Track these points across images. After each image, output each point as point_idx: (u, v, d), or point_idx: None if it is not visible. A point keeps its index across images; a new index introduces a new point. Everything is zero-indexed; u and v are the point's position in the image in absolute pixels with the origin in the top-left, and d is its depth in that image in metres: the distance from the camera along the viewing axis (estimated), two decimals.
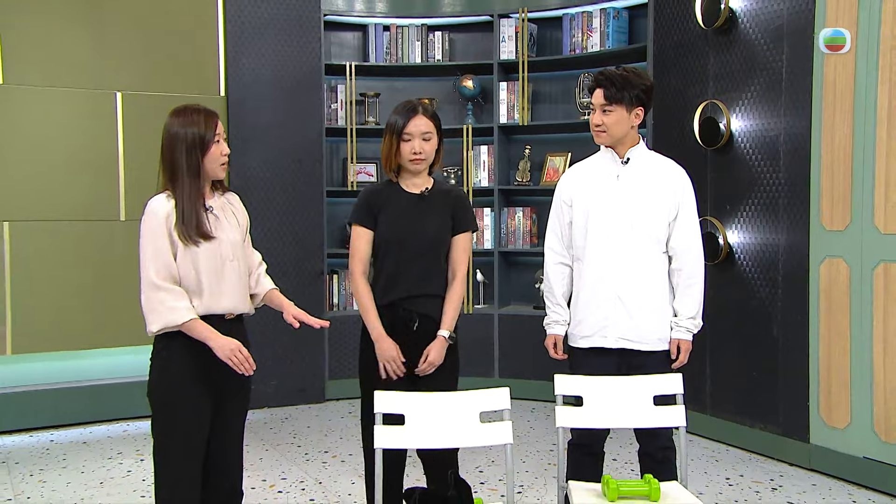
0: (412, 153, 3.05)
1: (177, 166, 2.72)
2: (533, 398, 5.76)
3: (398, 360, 3.07)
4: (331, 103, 6.14)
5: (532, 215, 6.18)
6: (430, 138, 3.08)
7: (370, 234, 3.13)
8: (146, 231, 2.71)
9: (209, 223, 2.75)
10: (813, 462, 4.41)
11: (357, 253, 3.14)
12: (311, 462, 4.61)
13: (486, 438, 2.74)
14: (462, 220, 3.17)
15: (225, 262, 2.77)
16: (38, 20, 5.25)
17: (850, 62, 4.17)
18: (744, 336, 4.78)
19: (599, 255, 3.17)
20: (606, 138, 3.17)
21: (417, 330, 3.09)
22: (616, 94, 3.10)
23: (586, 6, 5.88)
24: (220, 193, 2.87)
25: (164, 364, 2.73)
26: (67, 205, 5.33)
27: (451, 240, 3.16)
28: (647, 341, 3.16)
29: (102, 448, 4.89)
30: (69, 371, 5.49)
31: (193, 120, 2.73)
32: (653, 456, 3.18)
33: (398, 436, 2.70)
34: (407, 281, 3.09)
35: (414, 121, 3.05)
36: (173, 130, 2.73)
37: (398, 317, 3.10)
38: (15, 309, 5.19)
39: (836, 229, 4.28)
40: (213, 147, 2.74)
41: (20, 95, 5.21)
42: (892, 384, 4.02)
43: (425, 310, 3.11)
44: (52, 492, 4.15)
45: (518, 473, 4.34)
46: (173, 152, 2.73)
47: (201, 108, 2.78)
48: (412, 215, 3.10)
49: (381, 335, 3.08)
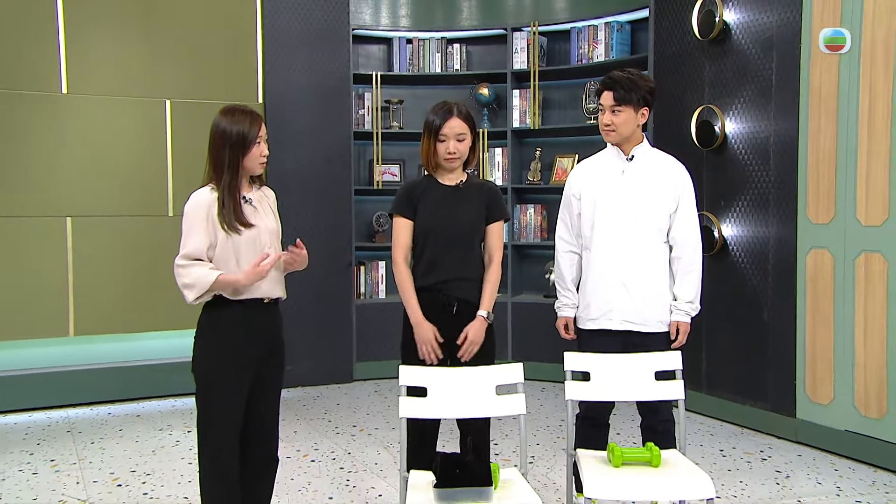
0: (447, 153, 3.05)
1: (220, 161, 2.72)
2: (543, 379, 5.77)
3: (435, 343, 3.03)
4: (358, 109, 6.16)
5: (542, 212, 6.20)
6: (464, 139, 3.06)
7: (410, 223, 3.11)
8: (186, 219, 2.72)
9: (246, 213, 2.75)
10: (799, 435, 4.43)
11: (398, 241, 3.11)
12: (340, 435, 4.66)
13: (501, 409, 2.74)
14: (495, 210, 3.14)
15: (263, 249, 2.76)
16: (98, 36, 5.32)
17: (834, 69, 4.19)
18: (737, 321, 4.78)
19: (606, 244, 3.18)
20: (616, 137, 3.17)
21: (456, 313, 3.07)
22: (625, 95, 3.10)
23: (592, 20, 5.89)
24: (257, 187, 2.87)
25: (207, 342, 2.76)
26: (122, 202, 5.39)
27: (485, 229, 3.14)
28: (649, 323, 3.17)
29: (154, 420, 4.96)
30: (125, 351, 5.54)
31: (239, 120, 2.74)
32: (654, 429, 3.18)
33: (420, 406, 2.70)
34: (445, 266, 3.07)
35: (449, 123, 3.03)
36: (221, 127, 2.74)
37: (437, 301, 3.06)
38: (77, 295, 5.26)
39: (821, 222, 4.29)
40: (254, 147, 2.74)
41: (82, 104, 5.28)
42: (871, 364, 4.04)
43: (462, 293, 3.08)
44: (110, 458, 4.23)
45: (529, 446, 4.36)
46: (218, 147, 2.73)
47: (248, 110, 2.78)
48: (448, 205, 3.09)
49: (420, 320, 3.04)
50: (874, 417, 4.03)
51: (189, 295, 2.68)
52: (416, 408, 2.70)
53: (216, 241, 2.71)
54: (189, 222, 2.71)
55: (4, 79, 5.10)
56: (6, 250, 5.12)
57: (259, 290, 2.76)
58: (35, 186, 5.18)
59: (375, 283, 6.13)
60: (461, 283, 3.09)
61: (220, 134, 2.73)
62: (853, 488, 3.77)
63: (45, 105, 5.20)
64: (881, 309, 3.98)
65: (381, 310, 6.03)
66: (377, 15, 6.18)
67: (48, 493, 3.73)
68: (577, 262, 3.31)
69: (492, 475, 2.50)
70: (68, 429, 4.79)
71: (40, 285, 5.19)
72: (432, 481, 2.52)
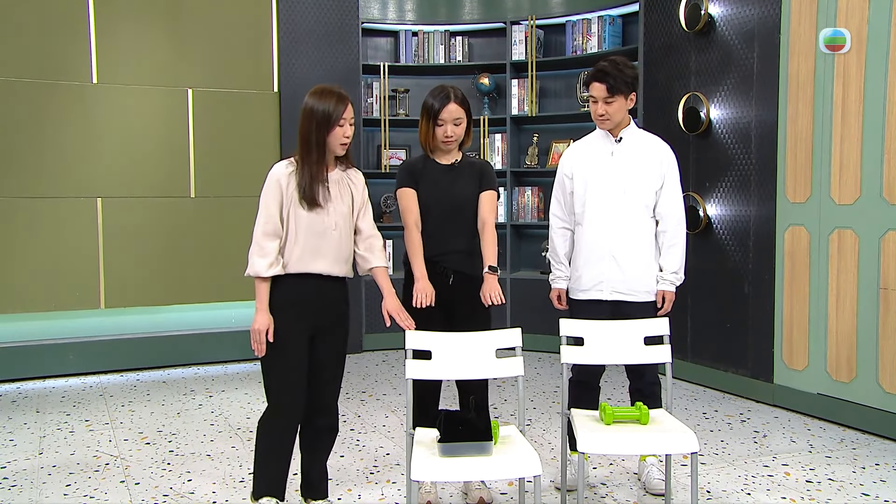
0: (444, 136, 3.04)
1: (307, 138, 2.66)
2: (540, 350, 5.78)
3: (430, 293, 2.98)
4: (367, 98, 6.17)
5: (539, 193, 6.21)
6: (461, 123, 3.05)
7: (414, 192, 3.08)
8: (265, 190, 2.67)
9: (321, 194, 2.68)
10: (776, 399, 4.46)
11: (407, 208, 3.08)
12: (351, 400, 4.68)
13: (500, 371, 2.74)
14: (486, 181, 3.12)
15: (327, 230, 2.69)
16: (126, 30, 5.33)
17: (811, 59, 4.18)
18: (720, 293, 4.81)
19: (596, 220, 3.18)
20: (609, 124, 3.16)
21: (453, 284, 3.07)
22: (615, 85, 3.08)
23: (586, 14, 5.89)
24: (342, 168, 2.79)
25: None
26: (148, 184, 5.42)
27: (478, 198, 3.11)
28: (637, 293, 3.17)
29: (178, 386, 5.00)
30: (151, 323, 5.59)
31: (326, 99, 2.66)
32: (642, 391, 3.21)
33: (425, 368, 2.71)
34: (443, 239, 3.07)
35: (447, 108, 3.02)
36: (310, 105, 2.66)
37: (436, 273, 3.05)
38: (106, 270, 5.30)
39: (798, 201, 4.31)
40: (337, 127, 2.66)
41: (110, 93, 5.30)
42: (842, 332, 4.07)
43: (459, 266, 3.08)
44: (139, 419, 4.28)
45: (526, 409, 4.39)
46: (306, 126, 2.66)
47: (336, 90, 2.69)
48: (445, 183, 3.09)
49: (423, 275, 3.00)
50: (844, 381, 4.07)
51: (247, 271, 2.69)
52: (422, 370, 2.71)
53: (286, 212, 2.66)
54: (265, 197, 2.67)
55: (40, 71, 5.12)
56: (42, 229, 5.15)
57: (315, 265, 2.70)
58: (68, 170, 5.21)
59: None
60: (458, 255, 3.08)
61: (307, 112, 2.67)
62: (824, 445, 3.81)
63: (77, 94, 5.21)
64: (852, 281, 4.00)
65: None
66: (385, 9, 6.17)
67: (84, 449, 3.78)
68: (569, 237, 3.32)
69: (492, 431, 2.52)
70: (101, 393, 4.84)
71: (73, 261, 5.23)
72: (436, 437, 2.54)
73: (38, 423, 4.21)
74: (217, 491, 3.24)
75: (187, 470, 3.49)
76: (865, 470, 3.47)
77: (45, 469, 3.51)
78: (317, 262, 2.70)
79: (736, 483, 3.32)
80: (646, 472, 3.23)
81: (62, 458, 3.66)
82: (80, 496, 3.19)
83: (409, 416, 2.71)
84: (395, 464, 3.57)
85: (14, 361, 5.12)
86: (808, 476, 3.40)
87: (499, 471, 2.50)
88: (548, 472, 3.34)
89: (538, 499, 2.37)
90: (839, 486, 3.29)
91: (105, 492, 3.23)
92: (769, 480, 3.35)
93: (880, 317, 3.87)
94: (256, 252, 2.66)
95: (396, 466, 3.53)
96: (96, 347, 5.34)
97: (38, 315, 5.25)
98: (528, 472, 2.39)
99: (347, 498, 3.17)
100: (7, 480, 3.37)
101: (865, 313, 3.94)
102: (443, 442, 2.47)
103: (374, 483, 3.34)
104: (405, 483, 3.20)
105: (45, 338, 5.27)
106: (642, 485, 3.25)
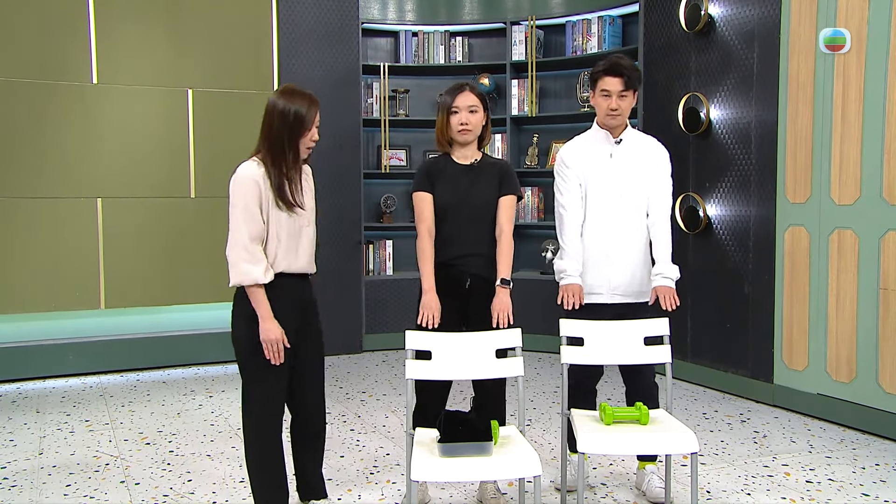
0: (459, 124, 2.96)
1: (278, 140, 2.59)
2: (539, 350, 5.77)
3: (436, 312, 2.92)
4: (367, 98, 6.16)
5: (539, 194, 6.19)
6: (476, 111, 2.98)
7: (431, 197, 3.01)
8: (240, 193, 2.58)
9: (297, 195, 2.65)
10: (776, 399, 4.46)
11: (422, 215, 3.01)
12: (351, 400, 4.68)
13: (501, 371, 2.74)
14: (507, 185, 3.04)
15: (302, 227, 2.69)
16: (126, 31, 5.33)
17: (811, 60, 4.18)
18: (720, 294, 4.80)
19: (595, 223, 3.15)
20: (620, 119, 3.12)
21: (469, 288, 3.01)
22: (631, 81, 3.06)
23: (586, 14, 5.88)
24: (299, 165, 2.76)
25: (244, 307, 2.64)
26: (148, 184, 5.41)
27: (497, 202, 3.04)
28: (637, 295, 3.15)
29: (178, 386, 5.00)
30: (151, 323, 5.58)
31: (298, 101, 2.61)
32: (640, 392, 3.16)
33: (426, 369, 2.69)
34: (460, 241, 3.00)
35: (461, 96, 2.97)
36: (280, 106, 2.60)
37: (452, 276, 2.99)
38: (107, 270, 5.29)
39: (798, 202, 4.30)
40: (307, 131, 2.64)
41: (111, 93, 5.29)
42: (842, 333, 4.06)
43: (476, 269, 3.01)
44: (139, 419, 4.27)
45: (526, 410, 4.36)
46: (276, 126, 2.59)
47: (307, 93, 2.64)
48: (463, 183, 3.01)
49: (430, 288, 2.94)
50: (844, 382, 4.06)
51: (231, 280, 2.60)
52: (422, 370, 2.70)
53: (264, 214, 2.61)
54: (243, 200, 2.57)
55: (40, 71, 5.11)
56: (42, 229, 5.15)
57: (297, 264, 2.68)
58: (68, 170, 5.20)
59: (383, 260, 6.15)
60: (475, 258, 3.02)
61: (278, 113, 2.60)
62: (824, 445, 3.81)
63: (77, 95, 5.21)
64: (852, 282, 4.00)
65: (388, 285, 6.06)
66: (385, 10, 6.17)
67: (84, 449, 3.78)
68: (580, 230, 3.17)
69: (492, 431, 2.52)
70: (101, 393, 4.84)
71: (73, 261, 5.22)
72: (436, 437, 2.54)
73: (38, 423, 4.21)
74: (217, 491, 3.24)
75: (187, 470, 3.49)
76: (865, 470, 3.47)
77: (45, 469, 3.51)
78: (298, 262, 2.70)
79: (736, 483, 3.32)
80: (646, 481, 3.19)
81: (62, 458, 3.66)
82: (80, 496, 3.18)
83: (409, 416, 2.71)
84: (395, 464, 3.57)
85: (14, 361, 5.12)
86: (808, 476, 3.40)
87: (499, 471, 2.50)
88: (548, 472, 3.34)
89: (538, 499, 2.37)
90: (839, 486, 3.29)
91: (105, 492, 3.23)
92: (769, 481, 3.35)
93: (880, 317, 3.87)
94: (246, 259, 2.57)
95: (396, 466, 3.53)
96: (96, 348, 5.33)
97: (38, 315, 5.24)
98: (528, 473, 2.38)
99: (347, 498, 3.17)
100: (7, 480, 3.37)
101: (865, 314, 3.94)
102: (443, 442, 2.47)
103: (374, 483, 3.33)
104: (405, 483, 3.20)
105: (45, 338, 5.26)
106: (642, 493, 3.21)
